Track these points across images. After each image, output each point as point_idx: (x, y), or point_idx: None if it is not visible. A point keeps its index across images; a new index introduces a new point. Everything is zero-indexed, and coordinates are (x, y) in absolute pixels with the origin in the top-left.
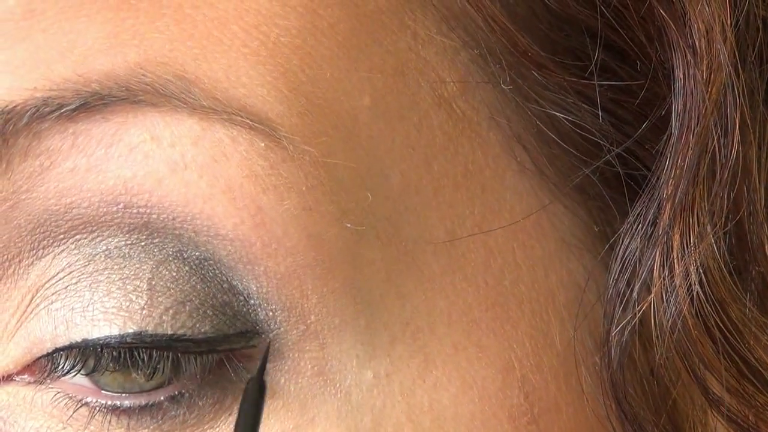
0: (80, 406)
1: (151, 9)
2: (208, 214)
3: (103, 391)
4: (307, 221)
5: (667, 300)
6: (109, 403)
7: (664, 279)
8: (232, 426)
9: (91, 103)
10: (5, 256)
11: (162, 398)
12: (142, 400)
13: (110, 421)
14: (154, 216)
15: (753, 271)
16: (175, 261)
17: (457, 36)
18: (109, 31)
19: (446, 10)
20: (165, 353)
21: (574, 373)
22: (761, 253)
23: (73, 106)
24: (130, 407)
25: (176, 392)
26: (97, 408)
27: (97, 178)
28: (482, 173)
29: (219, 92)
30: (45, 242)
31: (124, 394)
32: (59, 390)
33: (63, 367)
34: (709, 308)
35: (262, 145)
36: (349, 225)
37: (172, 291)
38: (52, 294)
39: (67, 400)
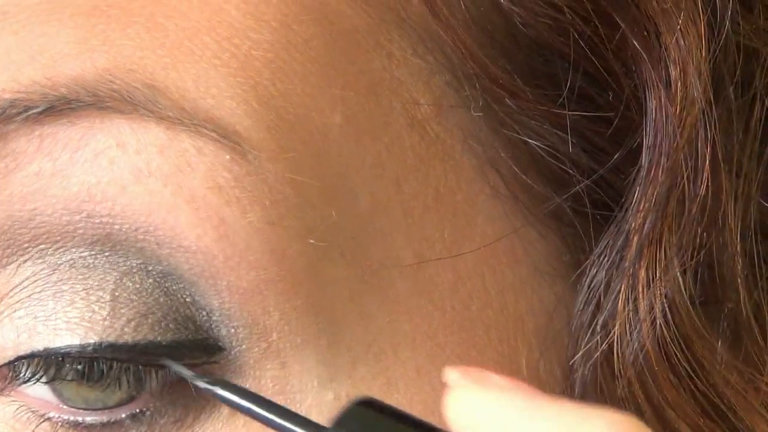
0: (43, 421)
1: (123, 16)
2: (171, 224)
3: (65, 406)
4: (271, 235)
5: (630, 334)
6: (72, 418)
7: (628, 312)
8: None
9: (58, 106)
10: None
11: (123, 416)
12: (104, 417)
13: None
14: (117, 227)
15: (725, 308)
16: (139, 273)
17: (432, 58)
18: (79, 36)
19: (423, 32)
20: (126, 365)
21: None
22: (733, 288)
23: (39, 109)
24: (92, 424)
25: (137, 410)
26: (60, 423)
27: (62, 183)
28: (454, 196)
29: (187, 102)
30: (9, 250)
31: (86, 411)
32: (22, 403)
33: (24, 375)
34: (673, 344)
35: (227, 157)
36: (313, 241)
37: (135, 303)
38: (16, 302)
39: (30, 414)
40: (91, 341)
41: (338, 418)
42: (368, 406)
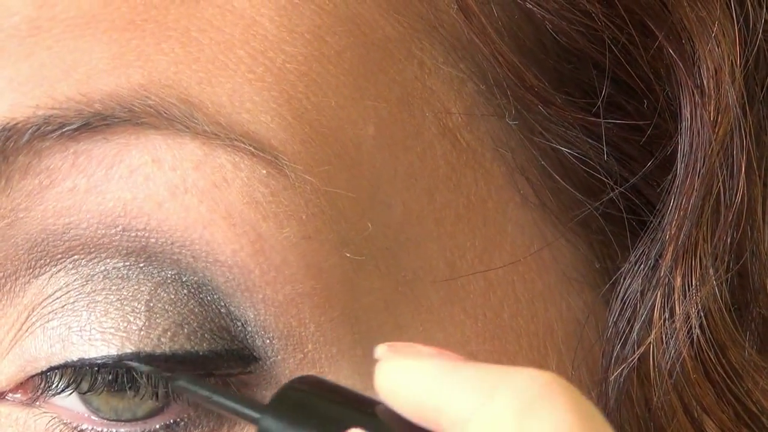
0: None
1: (157, 31)
2: (207, 239)
3: (96, 418)
4: (307, 249)
5: (666, 342)
6: (105, 430)
7: (664, 321)
8: None
9: (93, 123)
10: (2, 274)
11: (157, 426)
12: (137, 428)
13: None
14: (153, 240)
15: (753, 312)
16: (174, 284)
17: (464, 67)
18: (114, 51)
19: (454, 41)
20: (162, 376)
21: None
22: (763, 294)
23: (74, 126)
24: None
25: (171, 420)
26: None
27: (97, 199)
28: (485, 205)
29: (222, 117)
30: (42, 261)
31: (120, 422)
32: (54, 415)
33: (57, 386)
34: (708, 351)
35: (264, 172)
36: (348, 254)
37: (170, 313)
38: (49, 312)
39: (62, 426)
40: (128, 351)
41: (275, 396)
42: (304, 382)
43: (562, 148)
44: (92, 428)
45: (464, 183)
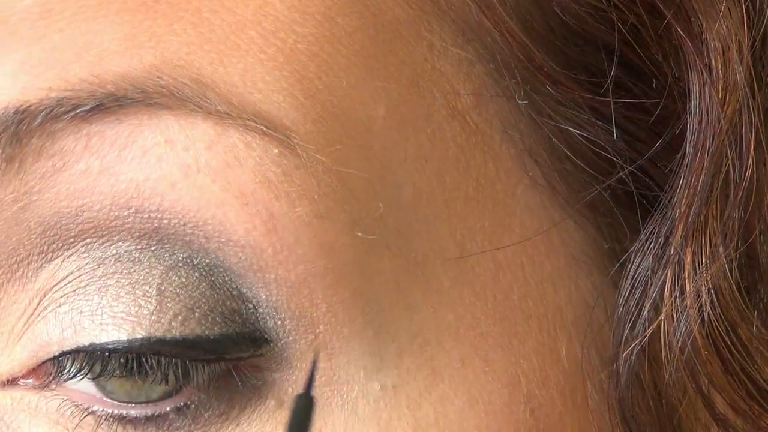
0: (87, 415)
1: (169, 11)
2: (220, 219)
3: (108, 399)
4: (319, 229)
5: (677, 320)
6: (116, 412)
7: (674, 299)
8: None
9: (106, 104)
10: (14, 258)
11: (168, 409)
12: (148, 410)
13: (116, 430)
14: (165, 221)
15: (761, 290)
16: (185, 267)
17: (472, 48)
18: (126, 32)
19: (463, 23)
20: (173, 360)
21: (580, 389)
22: None
23: (87, 107)
24: (136, 417)
25: (182, 403)
26: (104, 417)
27: (110, 180)
28: (494, 187)
29: (234, 97)
30: (55, 245)
31: (131, 404)
32: (66, 397)
33: (69, 371)
34: (719, 328)
35: (276, 151)
36: (360, 234)
37: (182, 297)
38: (61, 297)
39: (73, 408)
40: (139, 336)
41: None
42: None
43: (571, 129)
44: (103, 410)
45: (474, 165)
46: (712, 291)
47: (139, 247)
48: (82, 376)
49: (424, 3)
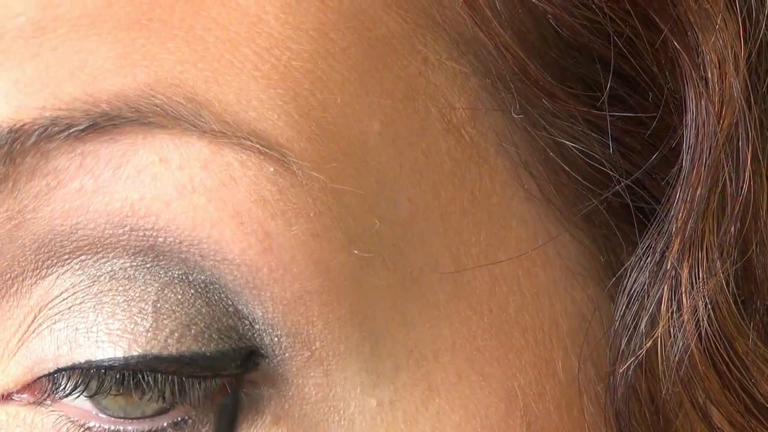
0: (83, 431)
1: (163, 30)
2: (216, 238)
3: (104, 415)
4: (315, 248)
5: (674, 335)
6: (112, 428)
7: (671, 314)
8: None
9: (100, 123)
10: (8, 275)
11: (165, 424)
12: (144, 426)
13: None
14: (161, 239)
15: (758, 303)
16: (181, 284)
17: (467, 62)
18: (119, 51)
19: (457, 36)
20: (170, 377)
21: (576, 402)
22: (767, 286)
23: (81, 127)
24: None
25: (179, 418)
26: None
27: (104, 199)
28: (489, 200)
29: (229, 115)
30: (49, 262)
31: (127, 420)
32: (61, 413)
33: (65, 387)
34: (716, 343)
35: (271, 170)
36: (356, 251)
37: (178, 314)
38: (56, 314)
39: (69, 424)
40: (135, 353)
41: None
42: None
43: (566, 142)
44: (99, 426)
45: (469, 178)
46: (709, 306)
47: (134, 264)
48: (78, 394)
49: (418, 17)
